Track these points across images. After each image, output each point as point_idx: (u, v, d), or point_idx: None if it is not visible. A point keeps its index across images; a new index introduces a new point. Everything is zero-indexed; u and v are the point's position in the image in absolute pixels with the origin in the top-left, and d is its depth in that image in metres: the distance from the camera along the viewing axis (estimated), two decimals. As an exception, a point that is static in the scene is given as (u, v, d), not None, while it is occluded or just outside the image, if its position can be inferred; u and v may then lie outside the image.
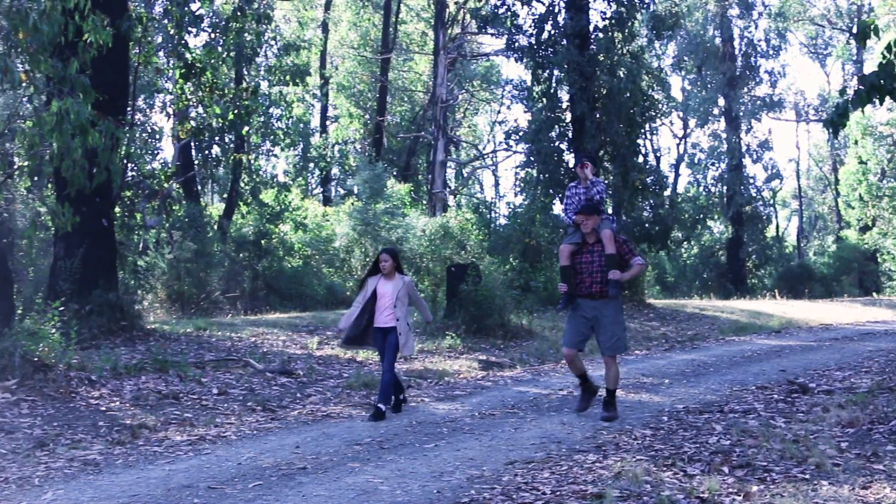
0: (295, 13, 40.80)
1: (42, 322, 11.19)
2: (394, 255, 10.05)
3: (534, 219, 24.96)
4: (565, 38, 25.08)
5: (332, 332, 16.86)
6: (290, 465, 7.50)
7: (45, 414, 9.49)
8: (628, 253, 9.33)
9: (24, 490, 6.78)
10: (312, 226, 30.77)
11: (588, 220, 9.24)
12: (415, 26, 44.29)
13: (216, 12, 22.44)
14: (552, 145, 25.65)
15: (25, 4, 11.32)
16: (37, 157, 13.27)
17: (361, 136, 43.76)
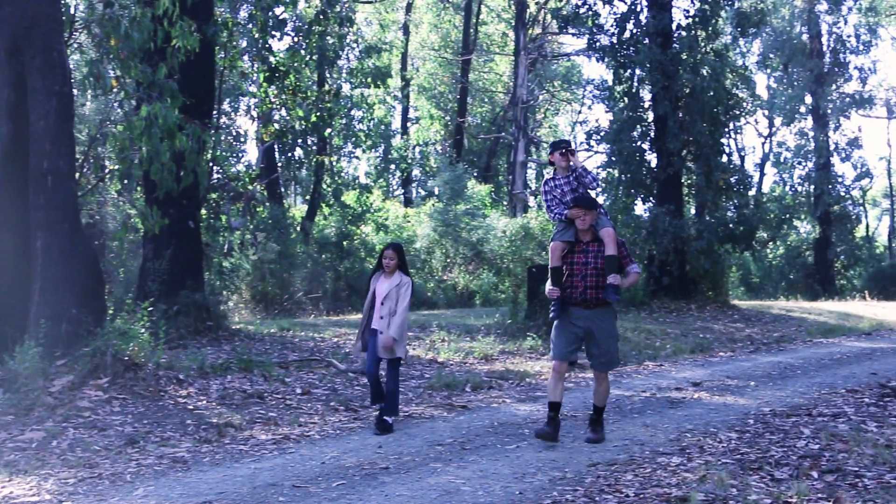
0: (376, 16, 41.12)
1: (132, 322, 11.45)
2: (399, 252, 9.35)
3: (615, 219, 24.76)
4: (647, 37, 24.83)
5: (412, 333, 16.95)
6: (372, 464, 7.56)
7: (136, 412, 9.71)
8: (626, 258, 8.27)
9: (116, 486, 6.96)
10: (393, 227, 30.95)
11: (586, 214, 8.13)
12: (495, 27, 44.27)
13: (299, 16, 22.73)
14: (634, 145, 25.41)
15: (117, 12, 11.60)
16: (127, 161, 13.56)
17: (442, 138, 43.89)
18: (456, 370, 13.23)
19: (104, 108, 17.81)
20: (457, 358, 14.26)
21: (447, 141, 42.72)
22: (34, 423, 8.96)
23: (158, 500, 6.53)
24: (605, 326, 8.22)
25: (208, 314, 15.56)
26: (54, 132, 11.32)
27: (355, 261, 27.64)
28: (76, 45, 14.38)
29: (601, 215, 8.33)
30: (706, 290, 25.04)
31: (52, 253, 11.25)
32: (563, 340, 8.23)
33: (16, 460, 7.76)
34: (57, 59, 11.40)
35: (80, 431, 8.81)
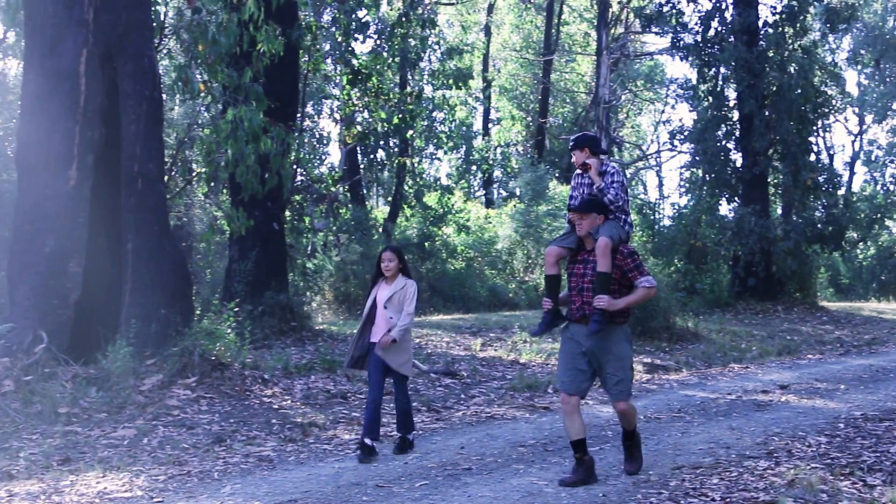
0: (458, 17, 41.18)
1: (219, 322, 11.66)
2: (399, 254, 8.32)
3: (699, 220, 24.43)
4: (733, 35, 24.43)
5: (494, 333, 16.93)
6: (455, 465, 7.57)
7: (223, 411, 9.88)
8: (633, 270, 6.92)
9: (204, 483, 7.10)
10: (475, 228, 30.95)
11: (583, 220, 6.95)
12: (577, 27, 44.00)
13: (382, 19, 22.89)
14: (718, 144, 25.03)
15: (205, 18, 11.82)
16: (213, 164, 13.82)
17: (523, 139, 43.78)
18: (538, 371, 13.18)
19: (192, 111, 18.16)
20: (539, 359, 14.21)
21: (528, 142, 42.59)
22: (126, 421, 9.18)
23: (245, 497, 6.64)
24: (610, 348, 6.91)
25: (292, 315, 15.77)
26: (144, 136, 11.58)
27: (437, 262, 27.70)
28: (165, 50, 14.69)
29: (609, 223, 7.02)
30: (793, 292, 24.54)
31: (142, 254, 11.51)
32: (563, 366, 7.06)
33: (109, 457, 7.96)
34: (147, 65, 11.65)
35: (170, 429, 9.00)
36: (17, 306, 10.66)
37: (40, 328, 10.31)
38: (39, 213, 10.87)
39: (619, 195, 7.09)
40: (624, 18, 38.46)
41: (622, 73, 41.17)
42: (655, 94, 47.30)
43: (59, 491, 6.88)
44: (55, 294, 10.73)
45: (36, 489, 6.93)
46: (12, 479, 7.22)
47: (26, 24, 11.49)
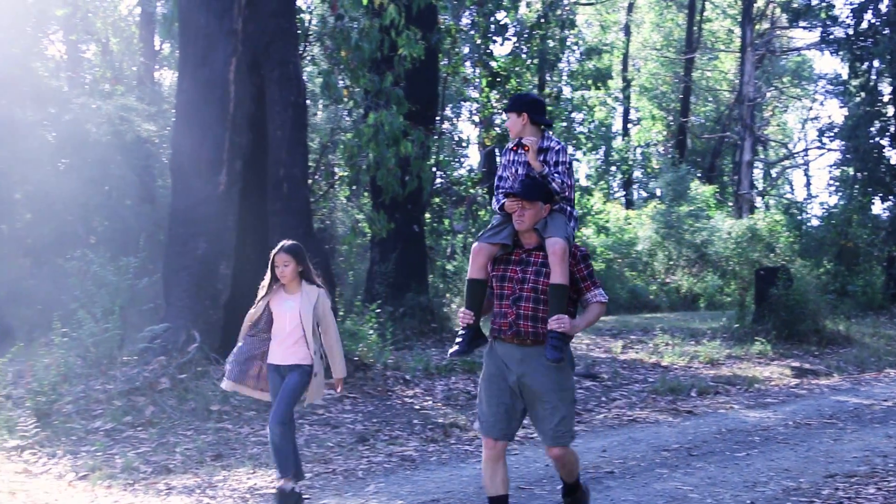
0: (597, 17, 40.85)
1: (361, 323, 11.84)
2: (296, 256, 6.52)
3: (850, 219, 23.57)
4: (888, 27, 23.47)
5: (635, 336, 16.73)
6: (596, 468, 7.51)
7: (366, 411, 10.05)
8: (587, 279, 5.35)
9: (349, 482, 7.24)
10: (614, 229, 30.65)
11: (526, 208, 5.26)
12: (720, 24, 43.05)
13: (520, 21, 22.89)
14: (871, 141, 24.08)
15: (347, 24, 12.04)
16: (355, 167, 14.06)
17: (664, 138, 43.12)
18: (680, 374, 12.95)
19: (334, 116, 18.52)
20: (681, 362, 13.95)
21: (669, 141, 41.92)
22: (272, 419, 9.42)
23: (389, 496, 6.73)
24: (549, 374, 5.27)
25: (432, 316, 15.92)
26: (290, 141, 11.87)
27: (576, 264, 27.50)
28: (309, 57, 15.03)
29: (554, 213, 5.36)
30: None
31: (287, 257, 11.79)
32: (487, 401, 5.41)
33: (258, 454, 8.20)
34: (293, 72, 11.95)
35: (315, 428, 9.21)
36: (171, 307, 11.09)
37: (193, 328, 10.68)
38: (192, 217, 11.27)
39: (565, 182, 5.37)
40: (769, 13, 37.43)
41: (767, 70, 40.10)
42: (803, 90, 45.86)
43: (213, 486, 7.13)
44: (207, 295, 11.11)
45: (191, 483, 7.20)
46: (170, 473, 7.51)
47: (181, 35, 11.95)
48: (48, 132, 20.40)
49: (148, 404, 9.52)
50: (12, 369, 10.70)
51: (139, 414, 9.31)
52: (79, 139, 19.98)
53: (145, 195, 21.53)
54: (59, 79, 23.31)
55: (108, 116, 20.03)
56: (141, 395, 9.66)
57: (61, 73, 24.03)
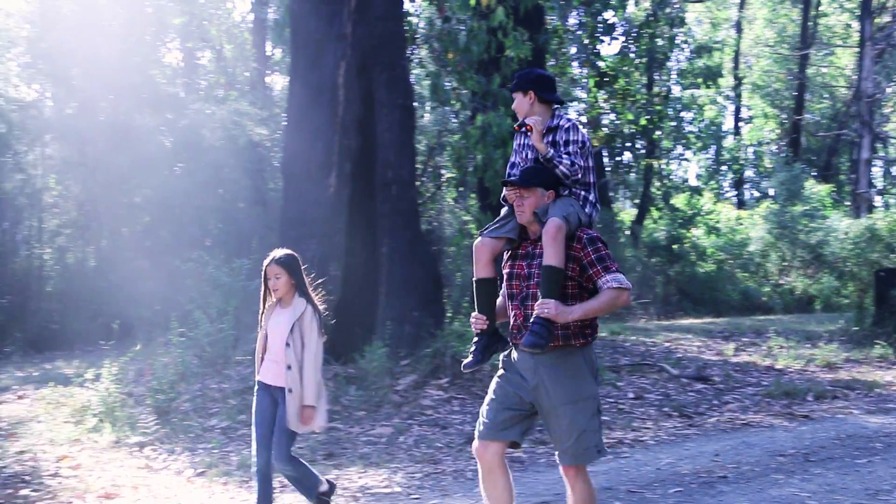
0: (707, 14, 40.15)
1: (468, 324, 11.86)
2: (289, 267, 6.02)
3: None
4: None
5: (747, 338, 16.38)
6: (709, 472, 7.37)
7: (474, 412, 10.04)
8: (596, 264, 4.64)
9: (458, 482, 7.26)
10: (726, 230, 30.07)
11: (525, 197, 4.75)
12: (837, 18, 41.84)
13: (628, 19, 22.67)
14: None
15: (455, 26, 12.10)
16: (463, 169, 14.10)
17: (777, 137, 42.12)
18: (796, 378, 12.62)
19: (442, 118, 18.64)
20: (797, 365, 13.60)
21: (782, 140, 40.93)
22: (383, 419, 9.52)
23: (498, 496, 6.72)
24: (562, 384, 4.66)
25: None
26: (398, 143, 11.98)
27: (686, 265, 27.12)
28: (417, 60, 15.16)
29: (562, 200, 4.79)
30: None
31: (395, 258, 11.91)
32: (490, 405, 4.82)
33: (368, 453, 8.29)
34: (400, 74, 12.06)
35: (424, 428, 9.26)
36: (283, 307, 11.29)
37: (304, 327, 10.85)
38: (303, 219, 11.47)
39: (576, 163, 4.79)
40: (890, 6, 36.22)
41: (887, 65, 38.80)
42: (924, 85, 44.27)
43: (324, 483, 7.23)
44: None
45: (303, 480, 7.31)
46: (281, 471, 7.65)
47: (292, 40, 12.17)
48: (165, 137, 21.05)
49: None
50: (133, 368, 11.06)
51: (253, 412, 9.50)
52: (194, 144, 20.56)
53: (257, 198, 22.02)
54: (175, 85, 24.02)
55: (222, 121, 20.55)
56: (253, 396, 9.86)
57: (178, 80, 24.76)
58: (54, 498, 6.78)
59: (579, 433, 4.59)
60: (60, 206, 22.66)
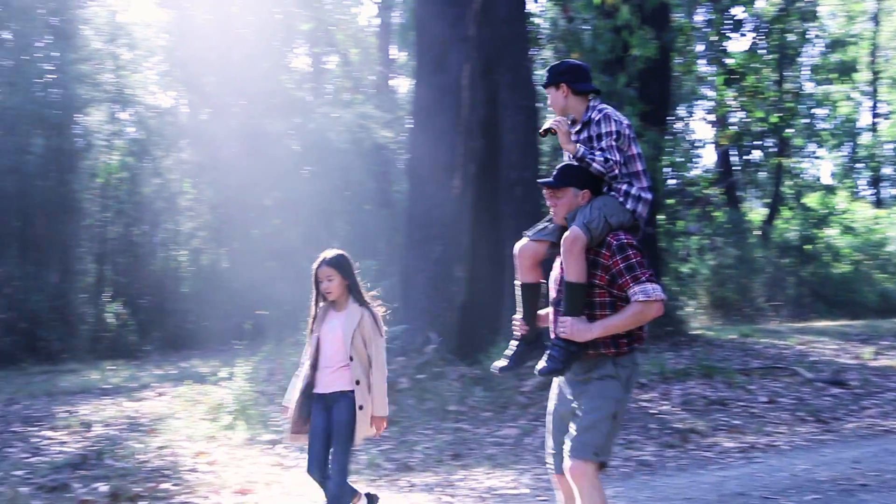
0: (842, 7, 38.89)
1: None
2: (341, 268, 5.64)
3: None
4: None
5: (887, 341, 15.77)
6: (849, 480, 7.11)
7: (600, 413, 9.95)
8: (624, 274, 4.23)
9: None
10: (862, 229, 29.06)
11: (558, 198, 4.46)
12: (980, 6, 40.01)
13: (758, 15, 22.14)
14: None
15: (579, 26, 12.02)
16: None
17: (917, 133, 40.50)
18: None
19: (566, 119, 18.58)
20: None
21: (924, 136, 39.34)
22: (509, 420, 9.52)
23: (627, 501, 6.64)
24: (589, 390, 4.34)
25: (667, 319, 15.60)
26: (522, 145, 11.97)
27: (819, 265, 26.32)
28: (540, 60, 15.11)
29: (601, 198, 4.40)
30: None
31: (519, 259, 11.87)
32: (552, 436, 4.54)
33: (495, 454, 8.30)
34: (524, 76, 12.05)
35: (550, 429, 9.21)
36: (409, 308, 11.40)
37: (430, 329, 10.95)
38: (428, 221, 11.56)
39: (610, 159, 4.38)
40: None
41: None
42: None
43: (452, 484, 7.26)
44: (443, 297, 11.35)
45: (431, 481, 7.37)
46: (410, 471, 7.73)
47: (417, 43, 12.29)
48: (294, 141, 21.50)
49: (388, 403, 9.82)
50: (265, 367, 11.32)
51: (380, 412, 9.62)
52: (321, 147, 20.96)
53: (383, 200, 22.32)
54: (303, 90, 24.52)
55: (348, 125, 20.88)
56: (381, 394, 9.98)
57: (305, 85, 25.28)
58: (193, 492, 6.98)
59: (585, 428, 4.24)
60: (195, 209, 23.43)
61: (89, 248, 21.64)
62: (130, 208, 22.10)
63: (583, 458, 4.21)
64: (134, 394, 12.19)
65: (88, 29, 21.49)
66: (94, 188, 21.80)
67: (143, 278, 21.42)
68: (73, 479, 7.28)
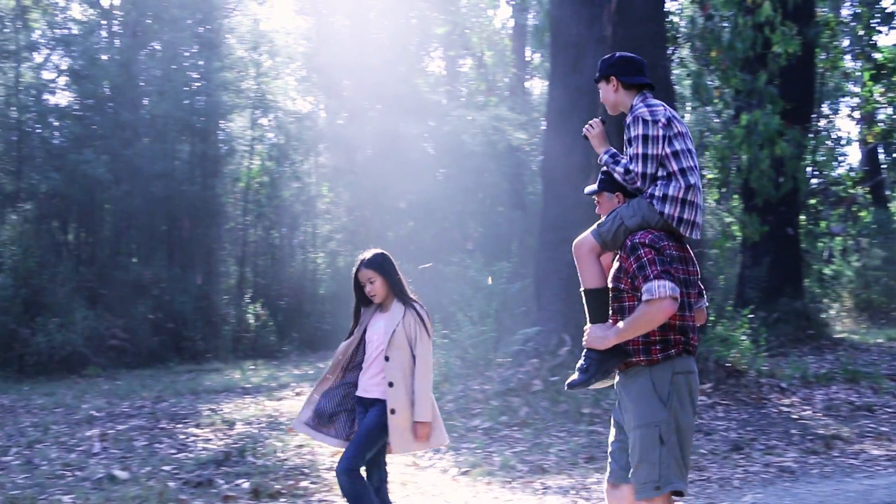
0: None
1: (732, 329, 11.55)
2: (381, 269, 5.39)
3: None
4: None
5: None
6: None
7: (739, 418, 9.77)
8: (637, 276, 4.02)
9: (724, 490, 7.07)
10: None
11: (601, 203, 4.49)
12: None
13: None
14: None
15: (718, 24, 11.82)
16: (726, 170, 13.76)
17: None
18: None
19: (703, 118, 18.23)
20: None
21: None
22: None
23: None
24: (631, 407, 4.11)
25: (809, 322, 15.21)
26: (658, 146, 11.81)
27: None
28: (678, 59, 14.92)
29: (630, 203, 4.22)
30: None
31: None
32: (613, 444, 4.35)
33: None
34: (662, 75, 11.87)
35: (687, 434, 9.07)
36: (543, 310, 11.40)
37: (564, 331, 10.90)
38: (562, 223, 11.51)
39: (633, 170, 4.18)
40: None
41: None
42: None
43: (586, 487, 7.24)
44: (577, 299, 11.24)
45: (566, 484, 7.36)
46: (545, 473, 7.73)
47: (552, 45, 12.27)
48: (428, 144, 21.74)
49: (522, 405, 9.86)
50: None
51: (514, 414, 9.66)
52: (455, 150, 21.12)
53: (516, 202, 22.36)
54: (438, 93, 24.77)
55: (482, 127, 20.98)
56: (515, 396, 10.02)
57: (440, 88, 25.52)
58: (330, 490, 7.15)
59: (636, 464, 4.01)
60: (332, 212, 23.93)
61: (231, 250, 22.34)
62: (270, 211, 22.71)
63: (647, 498, 4.00)
64: (274, 393, 12.53)
65: (232, 38, 22.20)
66: (235, 192, 22.49)
67: (282, 280, 21.99)
68: (216, 475, 7.54)
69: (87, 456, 8.49)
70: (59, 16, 20.06)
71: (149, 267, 19.36)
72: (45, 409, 11.40)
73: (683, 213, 4.13)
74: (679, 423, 4.01)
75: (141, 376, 15.30)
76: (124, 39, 20.68)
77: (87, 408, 11.39)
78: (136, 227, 20.27)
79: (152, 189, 19.20)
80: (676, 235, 4.16)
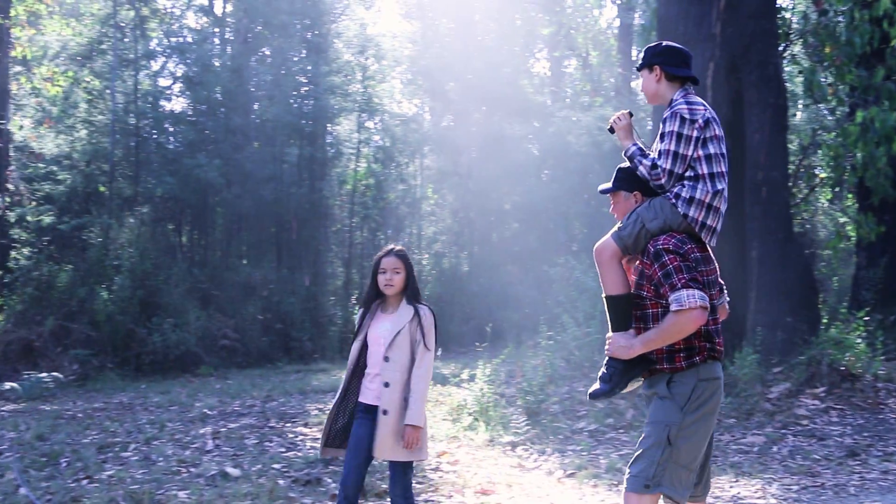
0: None
1: (847, 331, 11.23)
2: (407, 263, 5.16)
3: None
4: None
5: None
6: None
7: (854, 423, 9.48)
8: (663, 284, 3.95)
9: (839, 497, 6.88)
10: None
11: (617, 202, 4.33)
12: None
13: None
14: None
15: (833, 19, 11.53)
16: (840, 168, 13.41)
17: None
18: None
19: (815, 116, 17.76)
20: None
21: None
22: (754, 428, 9.22)
23: (884, 516, 6.32)
24: (649, 419, 4.05)
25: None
26: (768, 144, 11.56)
27: None
28: (789, 56, 14.58)
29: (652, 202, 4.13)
30: None
31: (766, 262, 11.50)
32: None
33: (739, 462, 8.07)
34: (772, 73, 11.63)
35: (799, 439, 8.86)
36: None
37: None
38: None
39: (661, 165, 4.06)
40: None
41: None
42: None
43: (693, 490, 7.12)
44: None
45: (672, 486, 7.24)
46: (650, 475, 7.62)
47: (658, 43, 12.13)
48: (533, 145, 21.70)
49: (628, 408, 9.78)
50: (504, 369, 11.50)
51: (620, 417, 9.58)
52: (560, 151, 21.05)
53: (622, 203, 22.09)
54: (542, 94, 24.70)
55: (587, 127, 20.86)
56: (622, 399, 9.92)
57: (545, 89, 25.45)
58: (436, 491, 7.19)
59: (637, 456, 3.96)
60: (437, 213, 24.08)
61: (338, 252, 22.68)
62: (376, 213, 22.99)
63: (635, 492, 3.91)
64: (379, 393, 12.64)
65: (340, 42, 22.53)
66: (342, 195, 22.82)
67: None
68: (324, 474, 7.64)
69: (200, 453, 8.71)
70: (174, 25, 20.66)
71: (258, 268, 19.79)
72: (160, 407, 11.75)
73: (707, 218, 4.09)
74: (694, 431, 3.93)
75: (251, 376, 15.65)
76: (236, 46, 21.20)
77: (200, 406, 11.70)
78: (246, 229, 20.75)
79: (262, 192, 19.61)
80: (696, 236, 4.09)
